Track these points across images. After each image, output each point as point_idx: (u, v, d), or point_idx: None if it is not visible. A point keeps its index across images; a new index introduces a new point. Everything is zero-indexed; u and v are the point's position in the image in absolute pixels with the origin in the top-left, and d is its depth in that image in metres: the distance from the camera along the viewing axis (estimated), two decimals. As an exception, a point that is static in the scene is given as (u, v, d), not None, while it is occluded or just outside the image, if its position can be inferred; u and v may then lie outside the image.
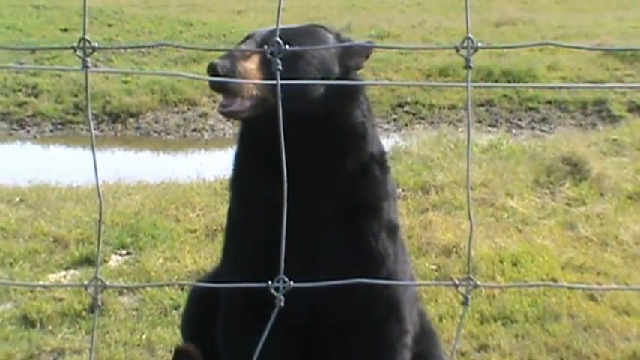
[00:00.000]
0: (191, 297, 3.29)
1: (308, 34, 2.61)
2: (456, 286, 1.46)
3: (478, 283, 1.42)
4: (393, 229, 2.74)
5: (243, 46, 2.54)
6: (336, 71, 2.60)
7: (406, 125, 10.65)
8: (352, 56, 2.66)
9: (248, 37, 2.62)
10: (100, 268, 4.91)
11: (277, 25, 1.49)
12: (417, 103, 11.12)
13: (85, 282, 1.65)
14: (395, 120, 10.88)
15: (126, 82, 11.32)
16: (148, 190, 6.59)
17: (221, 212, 5.51)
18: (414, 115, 10.97)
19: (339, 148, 2.60)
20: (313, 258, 2.59)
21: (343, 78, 2.63)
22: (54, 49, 12.52)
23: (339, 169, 2.61)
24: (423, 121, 10.75)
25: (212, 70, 2.39)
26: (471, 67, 1.48)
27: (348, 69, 2.65)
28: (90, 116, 1.63)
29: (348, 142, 2.61)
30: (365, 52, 2.70)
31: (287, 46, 1.56)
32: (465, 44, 1.49)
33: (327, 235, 2.60)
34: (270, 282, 1.56)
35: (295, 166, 2.16)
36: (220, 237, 5.12)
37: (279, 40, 1.53)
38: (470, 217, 1.45)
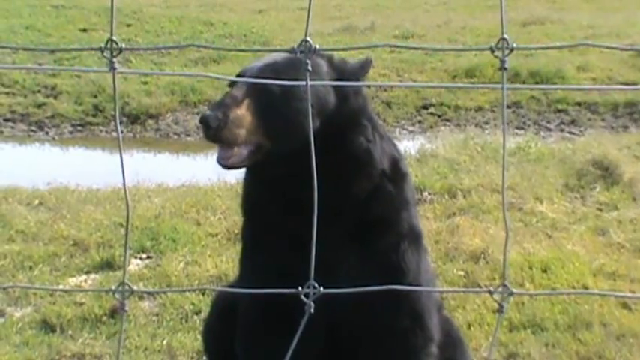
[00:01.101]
0: (214, 307, 3.30)
1: (298, 66, 2.55)
2: (491, 293, 1.45)
3: (513, 290, 1.40)
4: (415, 237, 2.73)
5: (234, 91, 2.54)
6: (333, 101, 2.58)
7: (431, 127, 10.62)
8: (348, 80, 2.63)
9: (237, 76, 2.62)
10: (121, 272, 4.92)
11: (307, 24, 1.48)
12: (442, 104, 11.09)
13: (111, 286, 1.65)
14: (420, 122, 10.85)
15: (145, 82, 11.36)
16: (168, 193, 6.61)
17: (243, 216, 5.51)
18: (439, 116, 10.93)
19: (343, 177, 2.58)
20: (333, 277, 2.59)
21: (342, 106, 2.59)
22: (81, 50, 12.58)
23: (348, 194, 2.61)
24: (448, 123, 10.72)
25: (203, 123, 2.45)
26: (506, 69, 1.47)
27: (346, 95, 2.61)
28: (117, 118, 1.63)
29: (352, 170, 2.60)
30: (360, 73, 2.67)
31: (316, 47, 1.55)
32: (499, 45, 1.48)
33: (345, 255, 2.60)
34: (300, 288, 1.56)
35: (302, 194, 2.18)
36: (243, 241, 5.12)
37: (308, 39, 1.52)
38: (505, 222, 1.44)
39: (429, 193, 6.18)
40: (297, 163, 2.25)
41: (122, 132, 10.57)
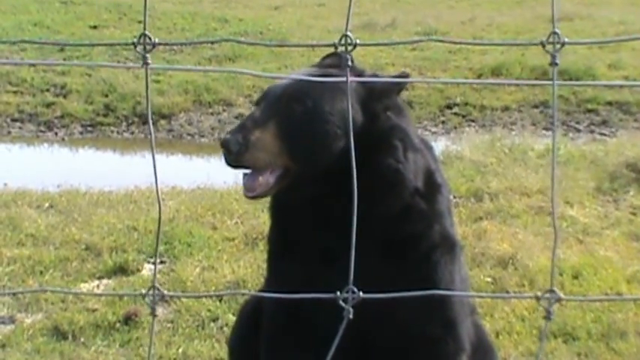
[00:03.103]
0: (241, 315, 3.31)
1: (324, 84, 2.51)
2: (538, 299, 1.44)
3: (562, 296, 1.40)
4: (449, 247, 2.73)
5: (256, 113, 2.54)
6: (361, 120, 2.54)
7: (455, 128, 10.60)
8: (378, 98, 2.59)
9: (262, 97, 2.62)
10: (134, 278, 4.94)
11: (348, 19, 1.48)
12: (466, 104, 11.06)
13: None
14: (443, 122, 10.83)
15: (157, 81, 11.38)
16: (182, 196, 6.63)
17: (261, 219, 5.52)
18: (463, 117, 10.90)
19: (370, 198, 2.54)
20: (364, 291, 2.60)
21: (370, 127, 2.55)
22: (113, 44, 12.61)
23: (376, 214, 2.59)
24: (473, 124, 10.69)
25: (224, 147, 2.44)
26: (557, 64, 1.46)
27: (376, 114, 2.58)
28: (150, 117, 1.64)
29: (380, 191, 2.59)
30: (392, 87, 2.61)
31: (357, 41, 1.54)
32: (550, 39, 1.47)
33: (376, 269, 2.60)
34: (338, 293, 1.56)
35: (332, 210, 2.17)
36: (261, 245, 5.14)
37: (349, 34, 1.51)
38: (554, 225, 1.44)
39: (455, 197, 6.17)
40: (325, 182, 2.25)
41: (133, 132, 10.61)
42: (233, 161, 2.47)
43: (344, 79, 1.57)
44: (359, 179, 2.47)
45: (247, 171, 2.54)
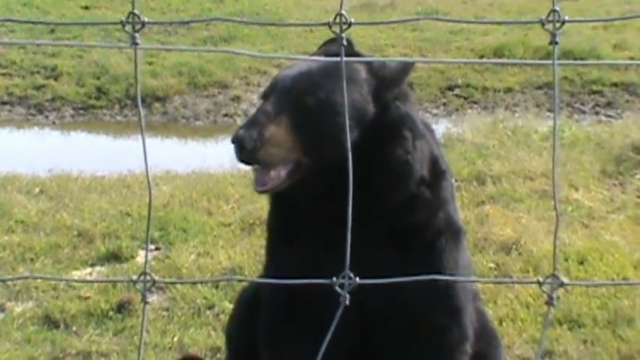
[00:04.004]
0: (239, 302, 3.30)
1: (335, 75, 2.49)
2: (540, 284, 1.43)
3: (564, 280, 1.38)
4: (454, 233, 2.74)
5: (266, 106, 2.52)
6: (372, 111, 2.55)
7: (457, 110, 10.57)
8: (389, 87, 2.59)
9: (270, 89, 2.59)
10: (128, 265, 4.92)
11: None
12: (468, 86, 11.03)
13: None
14: (444, 104, 10.80)
15: (150, 63, 11.34)
16: (177, 181, 6.61)
17: (258, 204, 5.50)
18: (465, 98, 10.88)
19: (379, 189, 2.58)
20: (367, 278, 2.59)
21: (381, 117, 2.56)
22: (100, 24, 12.55)
23: (383, 205, 2.61)
24: (475, 106, 10.67)
25: (238, 144, 2.43)
26: (557, 43, 1.43)
27: (387, 104, 2.58)
28: (139, 99, 1.62)
29: (389, 183, 2.60)
30: (402, 77, 2.62)
31: (352, 20, 1.51)
32: (550, 17, 1.45)
33: (380, 256, 2.60)
34: (334, 279, 1.54)
35: (336, 204, 2.15)
36: (258, 231, 5.13)
37: (344, 12, 1.49)
38: (556, 208, 1.42)
39: (456, 180, 6.14)
40: (335, 175, 2.24)
41: (126, 115, 10.58)
42: (247, 158, 2.46)
43: (338, 59, 1.54)
44: (367, 170, 2.47)
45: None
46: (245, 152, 2.43)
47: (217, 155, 8.00)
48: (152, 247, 5.21)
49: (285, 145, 2.48)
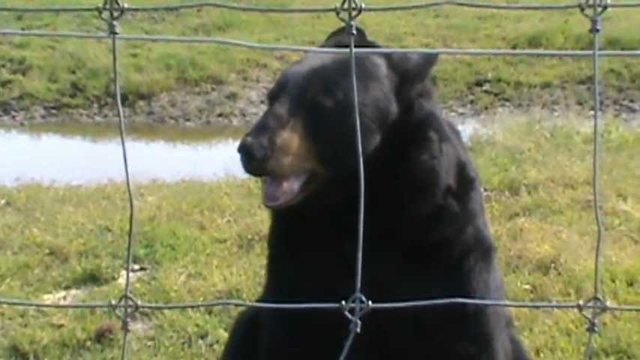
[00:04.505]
0: (236, 329, 3.31)
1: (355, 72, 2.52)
2: (580, 308, 1.43)
3: (608, 304, 1.38)
4: (484, 251, 2.74)
5: (277, 109, 2.51)
6: (395, 111, 2.56)
7: (486, 108, 10.60)
8: (412, 83, 2.60)
9: (279, 87, 2.58)
10: (108, 287, 4.94)
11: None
12: (499, 80, 11.06)
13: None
14: (472, 102, 10.83)
15: (134, 55, 11.40)
16: (164, 190, 6.63)
17: (258, 218, 5.52)
18: (495, 95, 10.91)
19: (401, 200, 2.59)
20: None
21: (405, 117, 2.57)
22: (74, 10, 12.58)
23: (405, 218, 2.61)
24: (507, 103, 10.69)
25: (246, 152, 2.41)
26: (598, 30, 1.44)
27: (410, 102, 2.59)
28: (119, 98, 1.62)
29: (413, 193, 2.60)
30: (426, 71, 2.63)
31: (362, 5, 1.53)
32: (590, 1, 1.45)
33: (400, 276, 2.61)
34: (344, 302, 1.55)
35: (350, 216, 2.16)
36: (258, 248, 5.14)
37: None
38: (598, 220, 1.42)
39: (486, 190, 6.16)
40: (353, 186, 2.25)
41: (106, 116, 10.62)
42: (256, 169, 2.45)
43: (346, 50, 1.55)
44: (387, 179, 2.48)
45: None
46: (254, 162, 2.42)
47: (211, 161, 8.04)
48: (136, 266, 5.23)
49: (299, 153, 2.47)
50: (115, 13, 1.50)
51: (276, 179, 2.48)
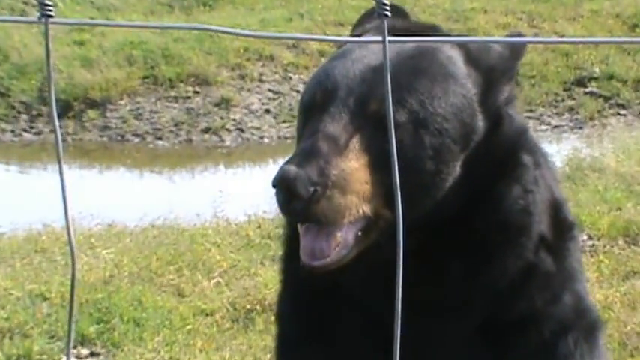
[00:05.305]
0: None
1: (429, 71, 2.56)
2: None
3: None
4: (588, 330, 2.78)
5: (328, 126, 2.47)
6: (482, 128, 2.58)
7: (591, 119, 10.62)
8: (499, 85, 2.65)
9: (324, 94, 2.56)
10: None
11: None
12: (611, 78, 11.06)
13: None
14: (571, 109, 10.85)
15: (81, 43, 11.40)
16: (125, 241, 6.67)
17: (259, 279, 5.56)
18: (605, 99, 10.92)
19: (479, 255, 2.62)
20: None
21: (492, 136, 2.61)
22: None
23: (483, 280, 2.65)
24: (623, 111, 10.71)
25: (286, 189, 2.35)
26: None
27: (499, 117, 2.63)
28: (54, 105, 1.64)
29: (496, 244, 2.63)
30: (513, 65, 2.69)
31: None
32: None
33: None
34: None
35: (408, 281, 2.21)
36: (259, 321, 5.19)
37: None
38: None
39: (590, 237, 6.20)
40: (420, 235, 2.28)
41: (40, 133, 10.69)
42: (301, 213, 2.41)
43: (379, 38, 1.57)
44: (463, 226, 2.50)
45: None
46: (299, 203, 2.37)
47: (193, 198, 8.10)
48: (84, 351, 5.27)
49: (362, 190, 2.44)
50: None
51: (327, 227, 2.45)
